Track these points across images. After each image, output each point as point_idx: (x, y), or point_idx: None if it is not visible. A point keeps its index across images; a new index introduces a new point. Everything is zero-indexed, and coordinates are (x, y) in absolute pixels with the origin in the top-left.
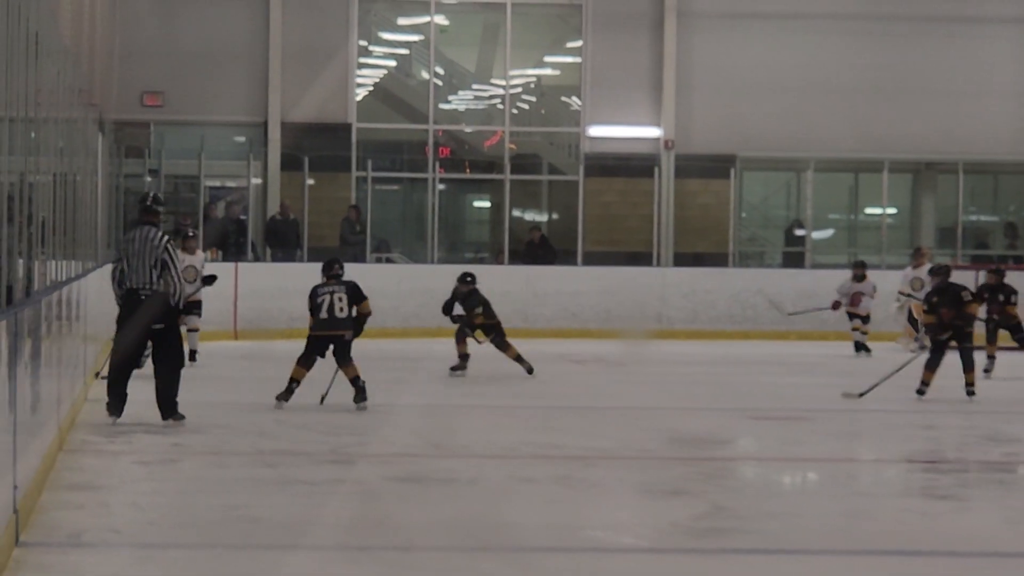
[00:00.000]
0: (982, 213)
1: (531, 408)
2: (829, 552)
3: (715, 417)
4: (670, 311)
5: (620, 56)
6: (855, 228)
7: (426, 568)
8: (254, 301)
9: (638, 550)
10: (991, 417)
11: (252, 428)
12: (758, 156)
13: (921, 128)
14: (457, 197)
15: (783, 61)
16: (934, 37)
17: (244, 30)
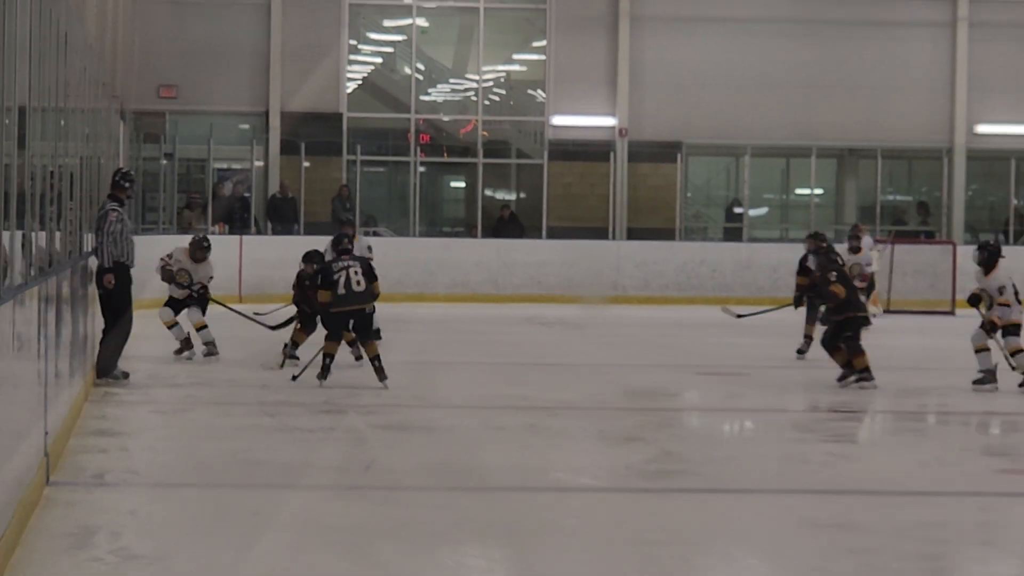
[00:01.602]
0: (898, 193)
1: (502, 365)
2: (764, 491)
3: (664, 373)
4: (624, 280)
5: (580, 54)
6: (786, 207)
7: (409, 505)
8: (256, 269)
9: (596, 489)
10: (904, 374)
11: (255, 382)
12: (701, 143)
13: (844, 119)
14: (436, 178)
15: (724, 59)
16: (856, 39)
17: (248, 30)
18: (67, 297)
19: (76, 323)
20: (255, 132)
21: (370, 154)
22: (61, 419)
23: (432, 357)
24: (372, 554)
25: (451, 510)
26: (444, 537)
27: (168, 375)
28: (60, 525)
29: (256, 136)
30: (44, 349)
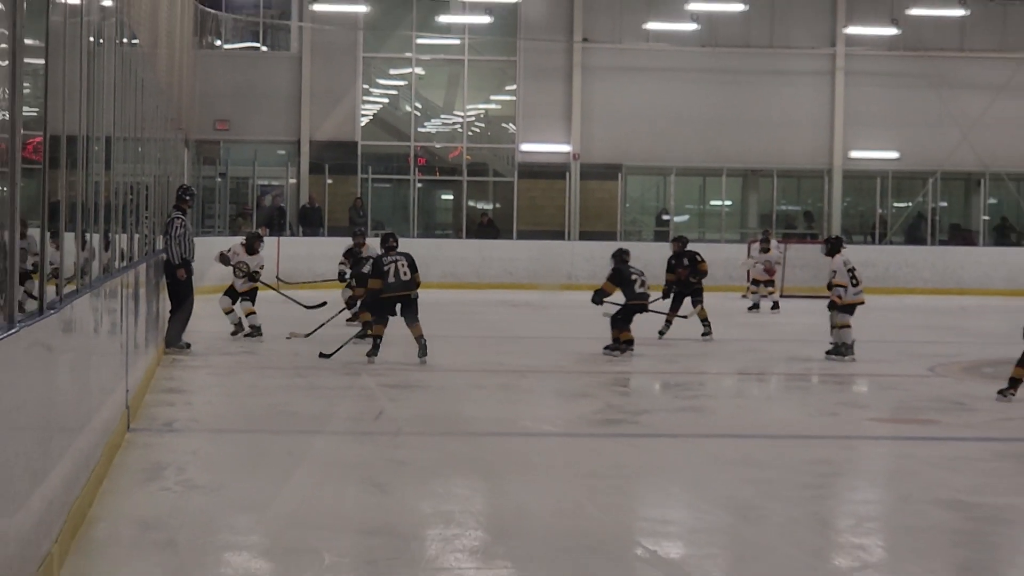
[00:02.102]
0: (789, 205)
1: (482, 337)
2: (684, 435)
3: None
4: (576, 271)
5: (542, 96)
6: (703, 215)
7: (409, 447)
8: (290, 262)
9: (555, 434)
10: (794, 344)
11: (289, 351)
12: (637, 165)
13: (748, 146)
14: (430, 192)
15: (654, 100)
16: (757, 84)
17: (283, 77)
18: (143, 285)
19: (150, 305)
20: (289, 156)
21: (379, 174)
22: (139, 380)
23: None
24: (380, 484)
25: (441, 451)
26: (436, 471)
27: (222, 346)
28: (138, 462)
29: (290, 159)
30: (126, 325)
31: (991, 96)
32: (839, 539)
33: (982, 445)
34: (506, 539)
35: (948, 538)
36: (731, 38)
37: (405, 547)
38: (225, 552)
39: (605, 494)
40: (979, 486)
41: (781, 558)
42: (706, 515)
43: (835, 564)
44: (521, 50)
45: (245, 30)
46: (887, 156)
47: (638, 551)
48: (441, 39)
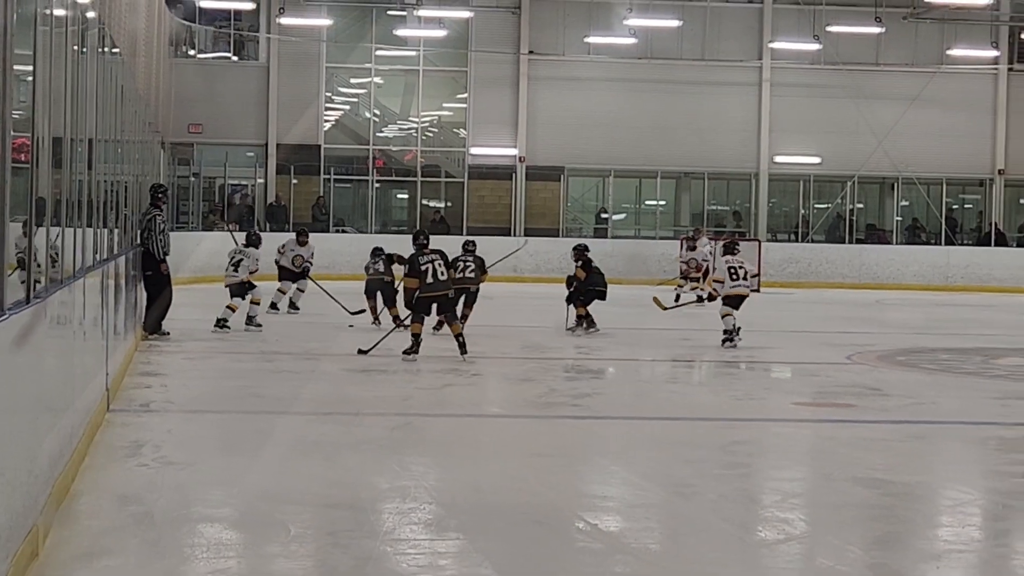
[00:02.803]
0: (719, 205)
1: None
2: (622, 418)
3: (550, 333)
4: (522, 265)
5: (491, 104)
6: (639, 213)
7: (369, 427)
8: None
9: (503, 416)
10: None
11: (257, 337)
12: (578, 167)
13: (681, 150)
14: (387, 192)
15: (594, 108)
16: (690, 94)
17: (253, 85)
18: (122, 275)
19: (129, 294)
20: (258, 158)
21: (340, 174)
22: (118, 364)
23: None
24: (341, 461)
25: (398, 430)
26: (392, 449)
27: (196, 332)
28: (117, 440)
29: (258, 161)
30: (106, 313)
31: (904, 106)
32: (765, 514)
33: (896, 427)
34: (458, 513)
35: (865, 513)
36: (666, 51)
37: (364, 520)
38: (198, 524)
39: (549, 471)
40: (893, 465)
41: (712, 531)
42: (643, 491)
43: (762, 537)
44: (472, 62)
45: (217, 41)
46: (809, 161)
47: (580, 525)
48: (399, 51)
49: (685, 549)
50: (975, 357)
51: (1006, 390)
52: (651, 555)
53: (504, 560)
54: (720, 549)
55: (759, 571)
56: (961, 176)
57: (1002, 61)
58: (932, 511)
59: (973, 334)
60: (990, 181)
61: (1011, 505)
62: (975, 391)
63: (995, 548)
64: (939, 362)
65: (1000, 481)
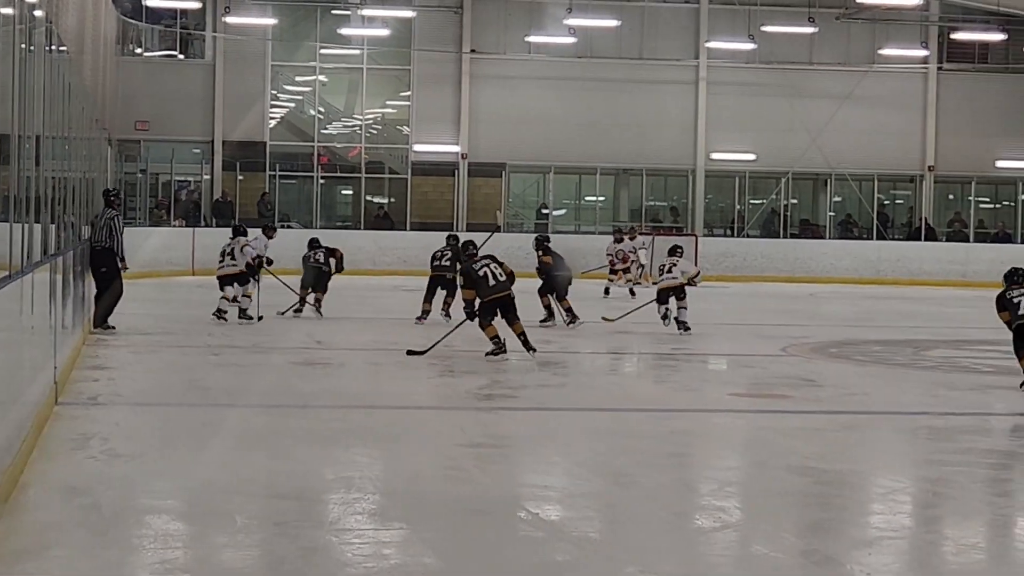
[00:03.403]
0: (657, 201)
1: (379, 320)
2: (563, 408)
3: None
4: None
5: (434, 102)
6: (579, 209)
7: (315, 419)
8: (205, 251)
9: (446, 408)
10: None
11: (204, 331)
12: (519, 164)
13: (620, 147)
14: (331, 188)
15: (535, 106)
16: (628, 92)
17: (199, 83)
18: (70, 271)
19: (76, 289)
20: (204, 155)
21: (285, 171)
22: (66, 357)
23: (330, 314)
24: (288, 452)
25: (343, 422)
26: (338, 440)
27: (142, 326)
28: (65, 433)
29: (205, 157)
30: (54, 307)
31: (836, 105)
32: (702, 502)
33: (829, 417)
34: (401, 503)
35: (799, 500)
36: (605, 50)
37: (311, 509)
38: (145, 515)
39: (491, 462)
40: (826, 454)
41: (650, 519)
42: (583, 481)
43: (698, 524)
44: (415, 60)
45: (164, 39)
46: (745, 158)
47: (521, 514)
48: (343, 50)
49: (624, 537)
50: (906, 349)
51: (936, 381)
52: (591, 543)
53: (447, 549)
54: (658, 537)
55: (696, 558)
56: (892, 173)
57: (932, 60)
58: (864, 499)
59: (904, 326)
60: (920, 177)
61: (941, 492)
62: (906, 382)
63: (925, 535)
64: (871, 354)
65: (930, 469)
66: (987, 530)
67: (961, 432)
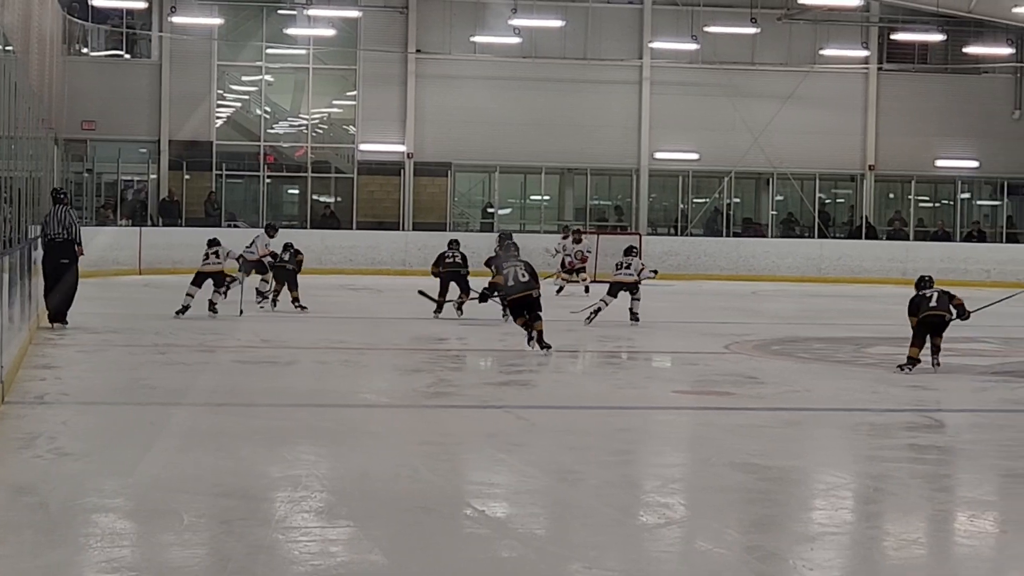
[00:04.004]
0: (602, 200)
1: (326, 318)
2: (509, 406)
3: (439, 324)
4: (411, 258)
5: (380, 101)
6: (524, 208)
7: (263, 417)
8: (152, 251)
9: (393, 406)
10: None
11: (151, 329)
12: (465, 163)
13: (565, 147)
14: (278, 187)
15: (480, 105)
16: (573, 92)
17: (146, 83)
18: (17, 269)
19: (24, 288)
20: (151, 154)
21: (232, 170)
22: (13, 356)
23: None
24: (234, 452)
25: (290, 420)
26: (285, 439)
27: (90, 325)
28: (12, 432)
29: (151, 157)
30: (1, 306)
31: (778, 105)
32: (647, 498)
33: (771, 414)
34: (348, 500)
35: (742, 496)
36: (550, 50)
37: (257, 508)
38: (93, 514)
39: (438, 459)
40: (769, 450)
41: (595, 516)
42: (529, 478)
43: (643, 521)
44: (361, 60)
45: (110, 39)
46: (688, 157)
47: (468, 511)
48: (289, 49)
49: (569, 533)
50: (847, 346)
51: (876, 378)
52: (537, 539)
53: (393, 546)
54: (603, 533)
55: (640, 554)
56: (833, 172)
57: (872, 61)
58: (806, 495)
59: (845, 324)
60: (861, 176)
61: (881, 488)
62: (847, 379)
63: (866, 530)
64: (813, 351)
65: (871, 465)
66: (927, 525)
67: (901, 428)
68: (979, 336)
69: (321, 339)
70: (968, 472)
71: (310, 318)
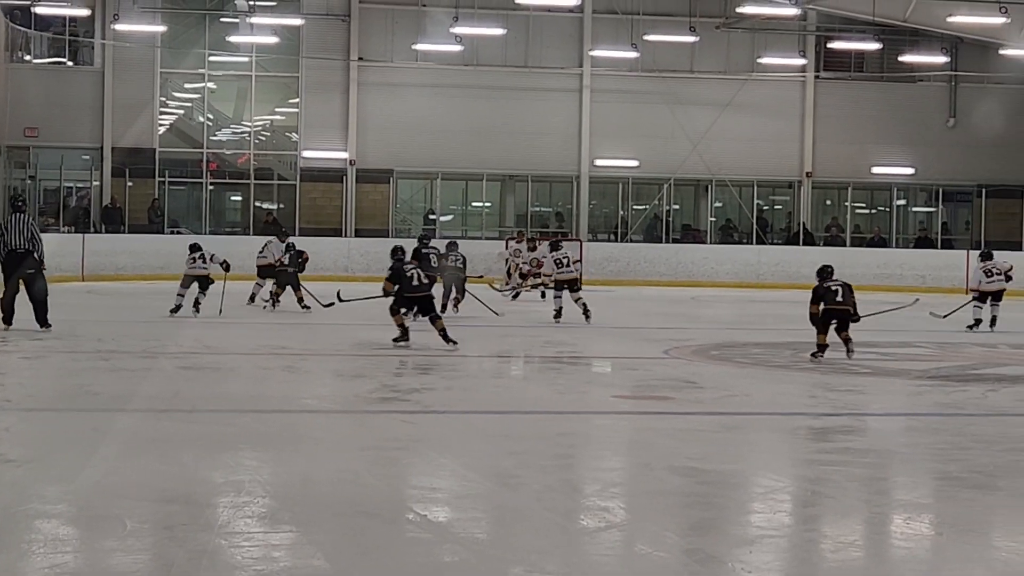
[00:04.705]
0: (543, 206)
1: (268, 324)
2: (452, 412)
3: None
4: (353, 264)
5: (322, 108)
6: (466, 214)
7: (205, 423)
8: (94, 257)
9: (335, 411)
10: (546, 330)
11: (93, 336)
12: (407, 170)
13: (506, 154)
14: (221, 194)
15: (422, 113)
16: (514, 99)
17: (89, 90)
18: None
19: None
20: (94, 161)
21: (175, 177)
22: None
23: (219, 318)
24: (177, 458)
25: (232, 426)
26: (227, 445)
27: (32, 332)
28: None
29: (94, 164)
30: None
31: (717, 112)
32: (587, 503)
33: (710, 418)
34: (291, 506)
35: (682, 500)
36: (491, 58)
37: (200, 514)
38: (35, 520)
39: (380, 465)
40: (708, 454)
41: (536, 520)
42: (470, 483)
43: (583, 525)
44: (303, 67)
45: (53, 46)
46: (628, 164)
47: (410, 516)
48: (232, 57)
49: (511, 537)
50: (785, 351)
51: (814, 382)
52: (478, 544)
53: (336, 551)
54: (544, 537)
55: (581, 557)
56: (771, 178)
57: (809, 69)
58: (745, 498)
59: (783, 329)
60: (798, 183)
61: (819, 492)
62: (785, 383)
63: (805, 533)
64: (751, 356)
65: (809, 469)
66: (864, 528)
67: (838, 432)
68: (914, 341)
69: (263, 345)
70: (904, 475)
71: (252, 324)
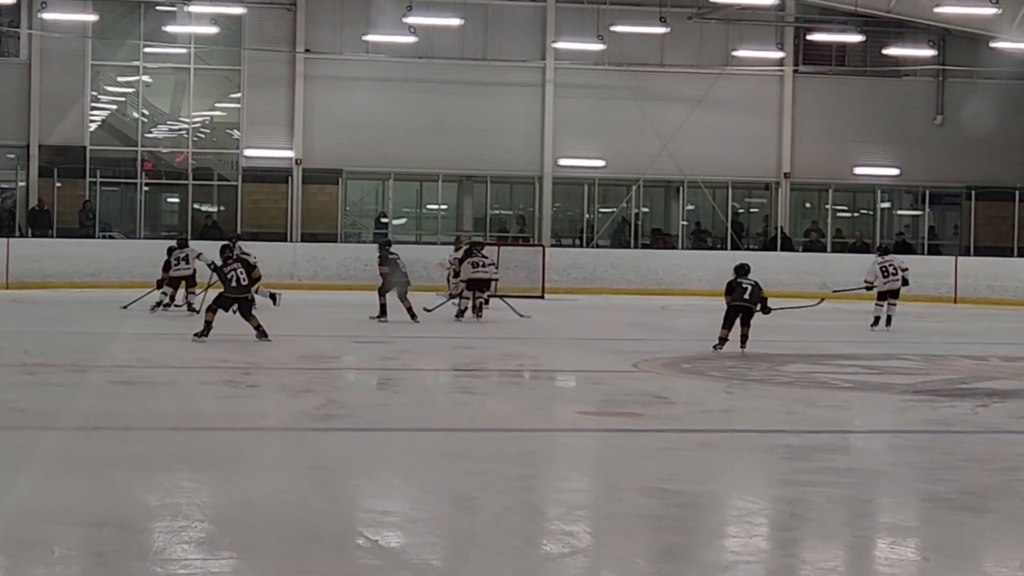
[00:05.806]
0: (502, 209)
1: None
2: (405, 430)
3: (329, 341)
4: (299, 271)
5: (266, 104)
6: (420, 218)
7: (138, 442)
8: (20, 263)
9: (279, 429)
10: (509, 341)
11: (18, 348)
12: (357, 170)
13: (463, 153)
14: (156, 195)
15: (373, 109)
16: (472, 95)
17: (13, 83)
18: None
19: None
20: (19, 160)
21: (107, 177)
22: None
23: (153, 330)
24: (109, 478)
25: (169, 444)
26: (163, 465)
27: None
28: None
29: (20, 163)
30: None
31: (689, 109)
32: (550, 526)
33: (682, 436)
34: (232, 530)
35: (651, 523)
36: (447, 51)
37: (133, 539)
38: None
39: (328, 486)
40: (679, 474)
41: (495, 545)
42: (425, 505)
43: (546, 550)
44: (245, 60)
45: None
46: (594, 164)
47: (360, 541)
48: (168, 48)
49: (468, 564)
50: (761, 364)
51: (792, 397)
52: (433, 571)
53: None
54: (504, 563)
55: None
56: (747, 179)
57: (787, 63)
58: (719, 521)
59: (759, 340)
60: (776, 184)
61: (798, 514)
62: (762, 398)
63: (782, 558)
64: (725, 369)
65: (787, 490)
66: (846, 553)
67: (819, 450)
68: (899, 353)
69: (202, 358)
70: (889, 496)
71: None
